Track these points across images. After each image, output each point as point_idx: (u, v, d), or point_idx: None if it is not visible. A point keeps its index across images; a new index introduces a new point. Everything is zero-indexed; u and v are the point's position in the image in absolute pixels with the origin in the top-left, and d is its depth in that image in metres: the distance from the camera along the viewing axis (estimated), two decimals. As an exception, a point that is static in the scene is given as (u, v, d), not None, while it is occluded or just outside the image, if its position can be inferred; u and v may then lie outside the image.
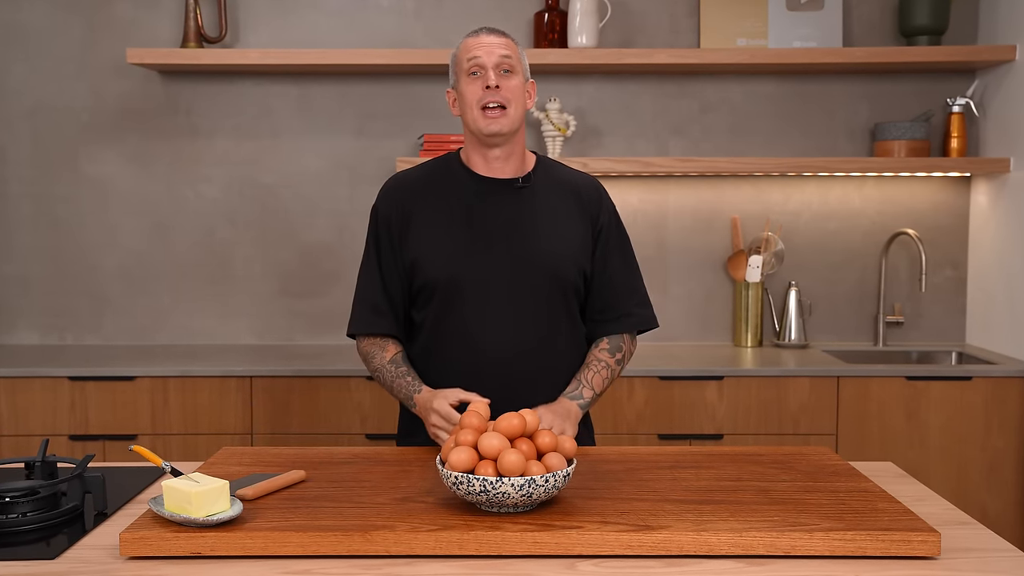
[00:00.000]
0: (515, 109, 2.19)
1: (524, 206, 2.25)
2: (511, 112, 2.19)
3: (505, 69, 2.19)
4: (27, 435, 3.39)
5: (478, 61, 2.18)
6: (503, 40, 2.21)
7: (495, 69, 2.18)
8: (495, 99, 2.17)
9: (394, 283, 2.28)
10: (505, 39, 2.22)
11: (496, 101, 2.17)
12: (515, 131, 2.23)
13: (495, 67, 2.18)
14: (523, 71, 2.24)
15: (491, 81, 2.16)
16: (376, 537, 1.63)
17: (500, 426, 1.77)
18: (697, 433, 3.43)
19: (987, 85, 3.82)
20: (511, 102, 2.18)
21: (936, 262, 3.95)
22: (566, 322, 2.29)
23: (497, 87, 2.17)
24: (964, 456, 3.44)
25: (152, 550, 1.62)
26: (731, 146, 3.92)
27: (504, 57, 2.18)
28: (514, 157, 2.27)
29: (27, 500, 1.79)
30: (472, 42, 2.21)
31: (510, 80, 2.19)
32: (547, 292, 2.24)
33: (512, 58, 2.20)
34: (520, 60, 2.24)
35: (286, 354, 3.70)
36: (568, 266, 2.25)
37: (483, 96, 2.17)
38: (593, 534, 1.63)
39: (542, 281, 2.23)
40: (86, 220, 3.92)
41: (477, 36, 2.22)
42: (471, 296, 2.21)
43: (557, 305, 2.26)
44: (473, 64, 2.19)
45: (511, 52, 2.20)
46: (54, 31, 3.86)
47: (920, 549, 1.63)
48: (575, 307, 2.31)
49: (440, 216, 2.25)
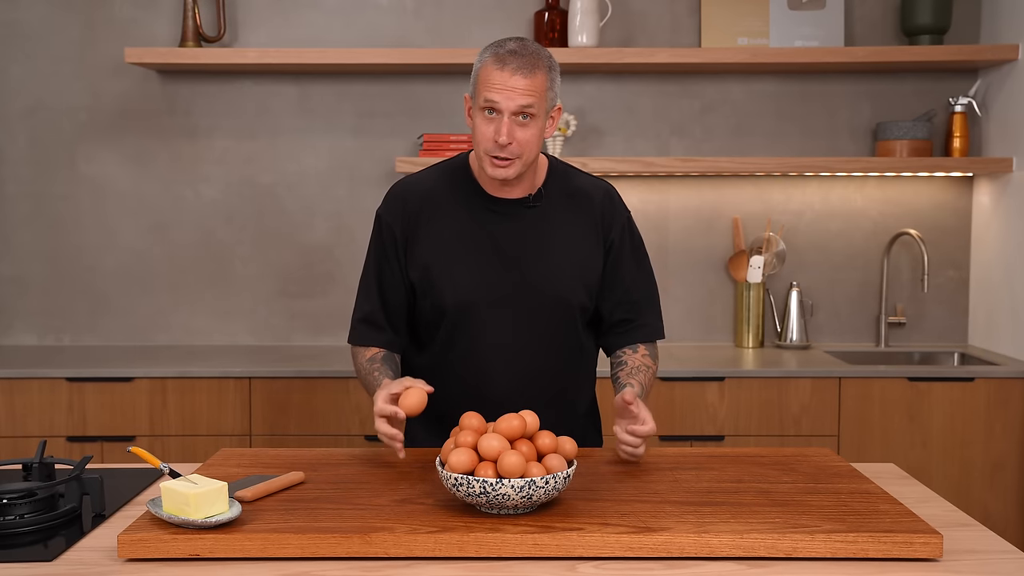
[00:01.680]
0: (525, 158, 2.07)
1: (533, 226, 2.18)
2: (520, 162, 2.06)
3: (524, 116, 2.02)
4: (24, 436, 3.38)
5: (495, 105, 2.01)
6: (528, 83, 2.00)
7: (511, 118, 2.02)
8: (503, 153, 2.04)
9: (394, 295, 2.25)
10: (531, 80, 2.01)
11: (505, 156, 2.05)
12: (523, 173, 2.12)
13: (512, 114, 2.01)
14: (546, 106, 2.06)
15: (502, 137, 2.01)
16: (375, 539, 1.63)
17: (500, 427, 1.77)
18: (698, 434, 3.42)
19: (990, 84, 3.80)
20: (522, 154, 2.05)
21: (938, 262, 3.94)
22: (574, 346, 2.27)
23: (508, 143, 2.02)
24: (966, 457, 3.43)
25: (150, 552, 1.62)
26: (732, 146, 3.91)
27: (524, 107, 2.01)
28: (525, 181, 2.18)
29: (25, 502, 1.79)
30: (495, 77, 2.01)
31: (526, 130, 2.03)
32: (556, 317, 2.21)
33: (534, 105, 2.01)
34: (546, 96, 2.04)
35: (285, 355, 3.69)
36: (577, 290, 2.21)
37: (492, 147, 2.04)
38: (594, 536, 1.63)
39: (551, 306, 2.20)
40: (84, 220, 3.91)
41: (502, 69, 2.01)
42: (479, 321, 2.18)
43: (565, 329, 2.23)
44: (489, 105, 2.02)
45: (534, 99, 2.01)
46: (52, 30, 3.84)
47: (922, 551, 1.63)
48: (584, 330, 2.27)
49: (448, 236, 2.18)
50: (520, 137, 2.03)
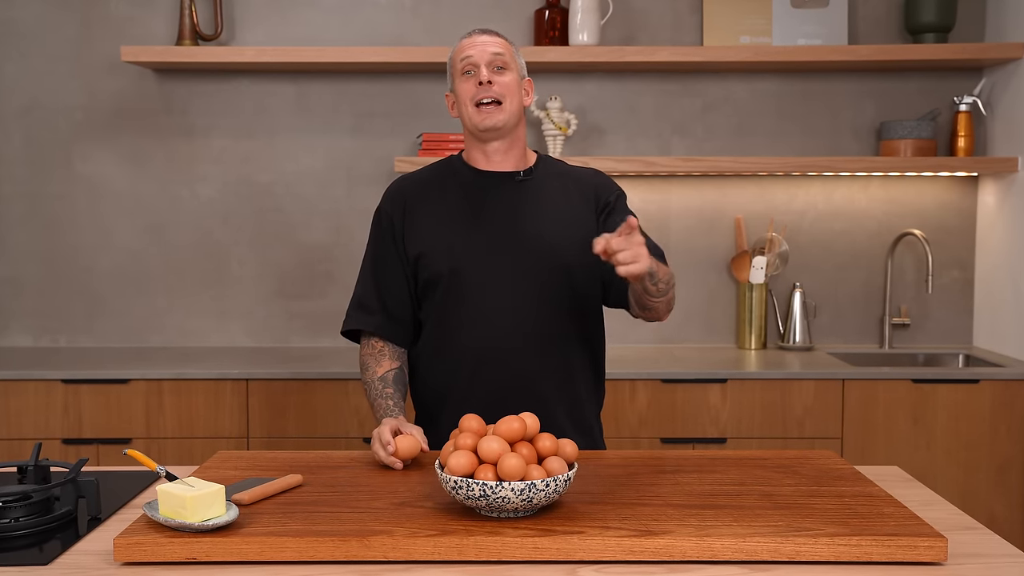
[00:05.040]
0: (510, 103, 2.23)
1: (526, 197, 2.28)
2: (506, 106, 2.22)
3: (498, 66, 2.22)
4: (19, 439, 3.35)
5: (471, 60, 2.22)
6: (495, 39, 2.26)
7: (488, 66, 2.22)
8: (488, 95, 2.21)
9: (392, 279, 2.29)
10: (498, 38, 2.27)
11: (489, 96, 2.21)
12: (511, 126, 2.25)
13: (488, 64, 2.22)
14: (518, 69, 2.28)
15: (483, 77, 2.20)
16: (374, 542, 1.62)
17: (500, 429, 1.76)
18: (700, 437, 3.40)
19: (995, 83, 3.79)
20: (505, 97, 2.22)
21: (943, 263, 3.92)
22: (575, 312, 2.27)
23: (490, 83, 2.20)
24: (971, 460, 3.41)
25: (146, 556, 1.61)
26: (734, 145, 3.89)
27: (496, 55, 2.23)
28: (514, 151, 2.30)
29: (20, 505, 1.78)
30: (465, 43, 2.26)
31: (503, 76, 2.23)
32: (552, 282, 2.24)
33: (505, 55, 2.24)
34: (515, 58, 2.28)
35: (282, 356, 3.67)
36: (571, 250, 2.23)
37: (476, 92, 2.21)
38: (594, 539, 1.62)
39: (547, 271, 2.23)
40: (80, 220, 3.89)
41: (470, 37, 2.27)
42: (475, 288, 2.22)
43: (564, 296, 2.25)
44: (466, 63, 2.23)
45: (504, 50, 2.24)
46: (47, 28, 3.82)
47: (927, 555, 1.62)
48: (587, 296, 2.29)
49: (442, 211, 2.28)
50: (499, 80, 2.22)
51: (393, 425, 2.09)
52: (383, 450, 2.04)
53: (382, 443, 2.04)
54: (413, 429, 2.11)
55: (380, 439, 2.05)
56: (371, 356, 2.30)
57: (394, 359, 2.30)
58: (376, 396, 2.25)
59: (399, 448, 2.02)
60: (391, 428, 2.07)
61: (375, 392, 2.26)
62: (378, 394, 2.25)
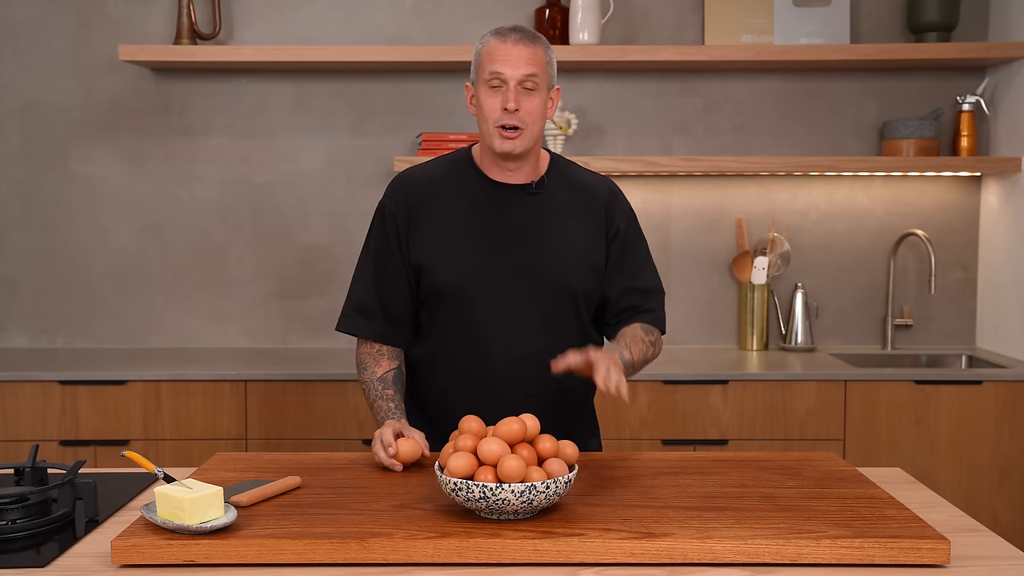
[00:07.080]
0: (532, 130, 2.12)
1: (536, 212, 2.22)
2: (527, 133, 2.12)
3: (528, 87, 2.10)
4: (16, 440, 3.34)
5: (501, 76, 2.09)
6: (531, 52, 2.10)
7: (517, 87, 2.09)
8: (512, 121, 2.10)
9: (393, 284, 2.25)
10: (533, 49, 2.10)
11: (513, 123, 2.10)
12: (530, 148, 2.17)
13: (518, 84, 2.09)
14: (548, 81, 2.15)
15: (510, 104, 2.08)
16: (373, 545, 1.62)
17: (500, 431, 1.76)
18: (701, 438, 3.38)
19: (998, 83, 3.77)
20: (529, 124, 2.11)
21: (946, 263, 3.91)
22: (575, 332, 2.25)
23: (516, 110, 2.09)
24: (974, 462, 3.39)
25: (144, 558, 1.61)
26: (736, 145, 3.88)
27: (528, 76, 2.09)
28: (529, 163, 2.21)
29: (17, 507, 1.78)
30: (498, 49, 2.10)
31: (531, 100, 2.10)
32: (556, 301, 2.21)
33: (537, 75, 2.10)
34: (547, 70, 2.13)
35: (281, 357, 3.66)
36: (578, 275, 2.22)
37: (500, 116, 2.10)
38: (595, 542, 1.62)
39: (551, 290, 2.20)
40: (77, 220, 3.88)
41: (504, 42, 2.10)
42: (480, 303, 2.19)
43: (566, 314, 2.23)
44: (494, 77, 2.10)
45: (537, 69, 2.10)
46: (45, 27, 3.81)
47: (929, 557, 1.62)
48: (586, 316, 2.27)
49: (450, 219, 2.21)
50: (526, 106, 2.10)
51: (396, 428, 2.08)
52: (384, 451, 2.02)
53: (383, 444, 2.03)
54: (415, 433, 2.09)
55: (382, 440, 2.04)
56: (369, 355, 2.28)
57: (392, 359, 2.28)
58: (376, 397, 2.23)
59: (400, 451, 2.02)
60: (393, 430, 2.06)
61: (375, 393, 2.24)
62: (378, 395, 2.23)
